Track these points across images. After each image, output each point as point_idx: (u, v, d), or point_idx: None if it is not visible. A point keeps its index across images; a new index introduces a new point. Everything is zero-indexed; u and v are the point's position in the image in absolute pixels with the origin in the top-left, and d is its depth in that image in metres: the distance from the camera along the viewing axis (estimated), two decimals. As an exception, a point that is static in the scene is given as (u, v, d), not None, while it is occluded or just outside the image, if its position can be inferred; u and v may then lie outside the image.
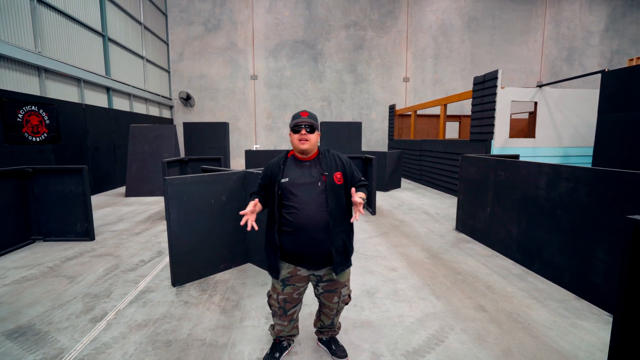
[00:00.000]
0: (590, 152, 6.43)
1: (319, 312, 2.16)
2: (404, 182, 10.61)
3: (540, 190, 3.46)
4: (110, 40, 9.86)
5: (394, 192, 8.63)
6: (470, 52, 15.43)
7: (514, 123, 12.12)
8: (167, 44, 14.31)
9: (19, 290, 3.15)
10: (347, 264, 1.94)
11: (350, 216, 1.94)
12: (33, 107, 6.61)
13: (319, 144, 2.00)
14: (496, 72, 6.72)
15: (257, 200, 1.90)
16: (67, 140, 7.65)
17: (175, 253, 3.17)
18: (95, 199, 7.72)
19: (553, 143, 7.25)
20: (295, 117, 1.90)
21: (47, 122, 6.98)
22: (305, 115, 1.88)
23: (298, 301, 2.02)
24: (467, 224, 4.88)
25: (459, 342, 2.35)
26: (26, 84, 6.69)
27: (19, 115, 6.27)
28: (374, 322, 2.61)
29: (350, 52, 14.96)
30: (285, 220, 1.85)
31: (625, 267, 1.46)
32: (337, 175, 1.90)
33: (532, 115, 7.73)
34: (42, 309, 2.80)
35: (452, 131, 15.14)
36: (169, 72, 14.51)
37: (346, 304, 2.09)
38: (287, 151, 2.01)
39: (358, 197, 1.72)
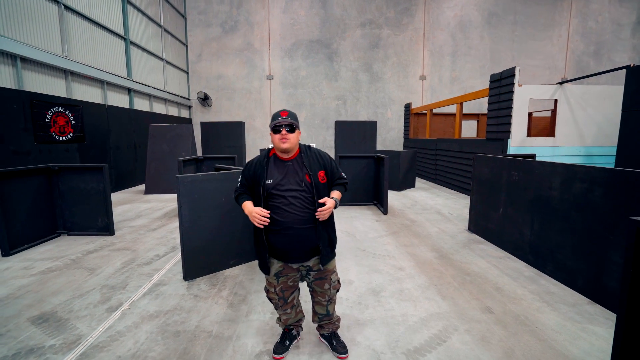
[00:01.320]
0: (615, 151, 6.15)
1: (313, 304, 2.22)
2: (419, 181, 10.48)
3: (553, 191, 3.36)
4: (131, 43, 10.24)
5: (407, 192, 8.55)
6: (490, 49, 15.00)
7: (535, 121, 11.72)
8: (186, 46, 14.70)
9: (44, 280, 3.36)
10: (333, 254, 2.05)
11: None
12: (60, 108, 6.97)
13: (300, 142, 2.03)
14: (513, 69, 6.53)
15: (251, 201, 1.98)
16: (91, 139, 8.02)
17: (187, 249, 3.29)
18: (116, 196, 8.07)
19: (574, 142, 6.97)
20: (274, 117, 1.91)
21: (73, 122, 7.35)
22: (285, 115, 1.89)
23: (294, 287, 2.12)
24: (479, 224, 4.79)
25: (462, 342, 2.33)
26: (54, 86, 7.07)
27: (47, 116, 6.64)
28: (377, 320, 2.63)
29: (366, 51, 14.88)
30: (272, 219, 1.89)
31: (628, 270, 1.44)
32: (321, 174, 1.95)
33: (554, 113, 7.45)
34: (64, 298, 2.99)
35: (470, 130, 14.80)
36: (187, 73, 14.91)
37: (337, 290, 2.15)
38: (268, 150, 2.03)
39: (330, 199, 1.88)
